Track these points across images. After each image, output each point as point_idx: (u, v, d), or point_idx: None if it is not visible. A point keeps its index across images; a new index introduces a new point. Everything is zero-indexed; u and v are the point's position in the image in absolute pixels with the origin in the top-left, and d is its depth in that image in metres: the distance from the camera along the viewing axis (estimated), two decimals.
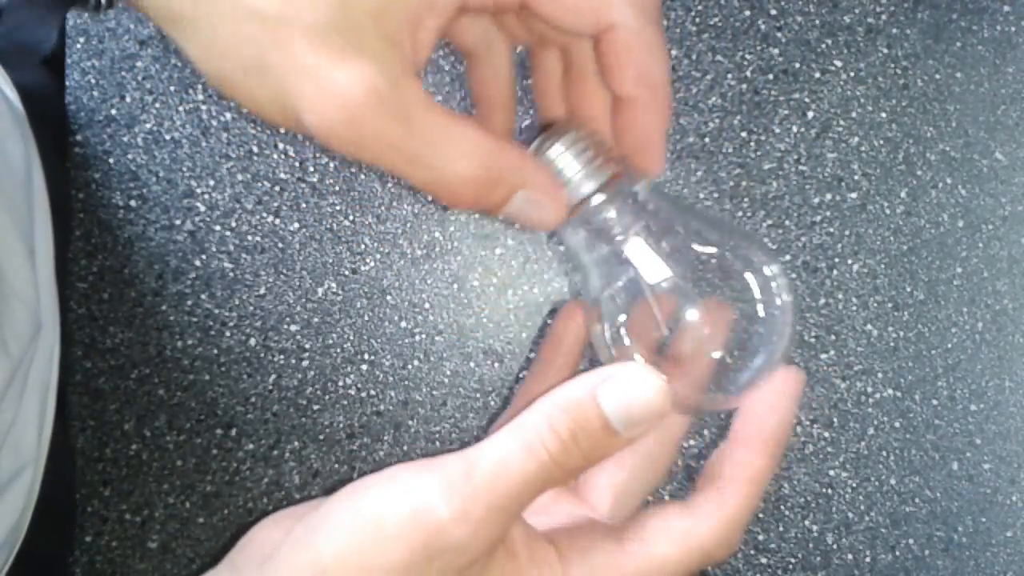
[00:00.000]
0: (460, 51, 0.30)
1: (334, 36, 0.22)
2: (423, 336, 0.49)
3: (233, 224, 0.49)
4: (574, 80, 0.29)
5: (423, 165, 0.23)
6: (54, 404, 0.44)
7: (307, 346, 0.48)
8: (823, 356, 0.50)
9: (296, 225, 0.49)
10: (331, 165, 0.49)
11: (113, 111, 0.49)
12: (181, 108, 0.49)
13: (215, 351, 0.48)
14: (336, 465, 0.48)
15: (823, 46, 0.52)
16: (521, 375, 0.49)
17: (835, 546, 0.50)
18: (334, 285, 0.49)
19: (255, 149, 0.49)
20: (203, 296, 0.48)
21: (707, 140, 0.51)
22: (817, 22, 0.52)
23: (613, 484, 0.28)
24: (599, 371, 0.23)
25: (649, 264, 0.26)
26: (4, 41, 0.28)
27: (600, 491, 0.28)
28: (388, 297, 0.49)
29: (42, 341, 0.43)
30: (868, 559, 0.50)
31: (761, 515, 0.49)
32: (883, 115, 0.52)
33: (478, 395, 0.49)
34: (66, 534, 0.47)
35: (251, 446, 0.48)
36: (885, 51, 0.52)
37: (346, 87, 0.21)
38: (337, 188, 0.49)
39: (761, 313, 0.27)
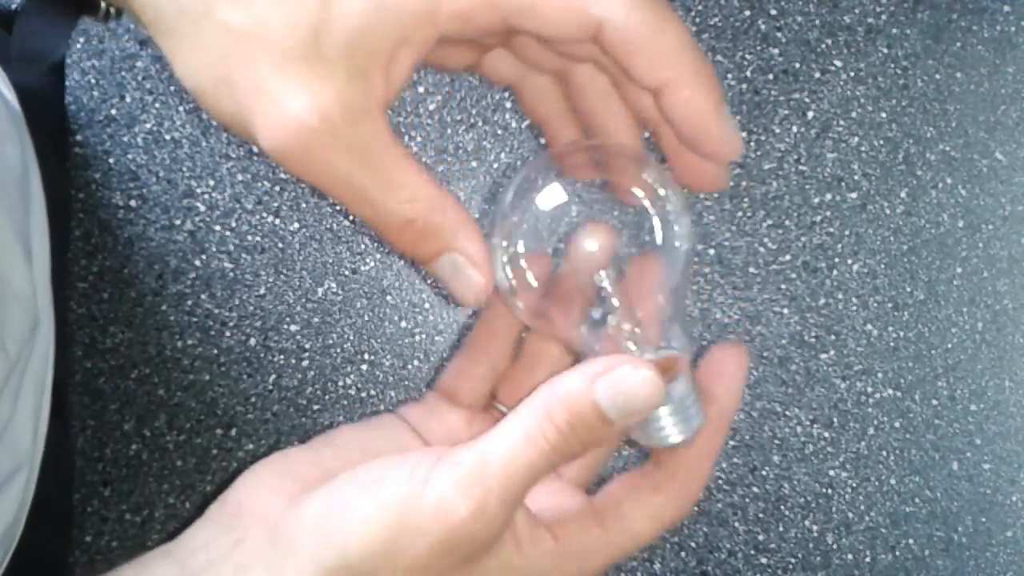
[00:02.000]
0: (504, 86, 0.30)
1: (301, 62, 0.22)
2: (423, 336, 0.49)
3: (233, 224, 0.49)
4: (582, 105, 0.28)
5: (367, 201, 0.23)
6: (49, 404, 0.44)
7: (307, 346, 0.48)
8: (823, 356, 0.50)
9: (296, 225, 0.49)
10: None
11: (113, 111, 0.49)
12: (181, 108, 0.49)
13: (215, 351, 0.48)
14: None
15: (823, 46, 0.52)
16: None
17: (835, 546, 0.50)
18: (334, 285, 0.49)
19: (255, 149, 0.49)
20: (203, 296, 0.48)
21: None
22: (817, 22, 0.52)
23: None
24: (593, 363, 0.24)
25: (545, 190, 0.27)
26: (17, 48, 0.28)
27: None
28: (388, 297, 0.49)
29: (38, 341, 0.43)
30: (868, 559, 0.50)
31: (761, 515, 0.49)
32: (883, 115, 0.52)
33: None
34: (64, 534, 0.47)
35: (251, 446, 0.48)
36: (885, 51, 0.52)
37: (300, 114, 0.22)
38: None
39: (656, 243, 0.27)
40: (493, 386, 0.31)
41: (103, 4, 0.26)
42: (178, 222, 0.49)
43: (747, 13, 0.52)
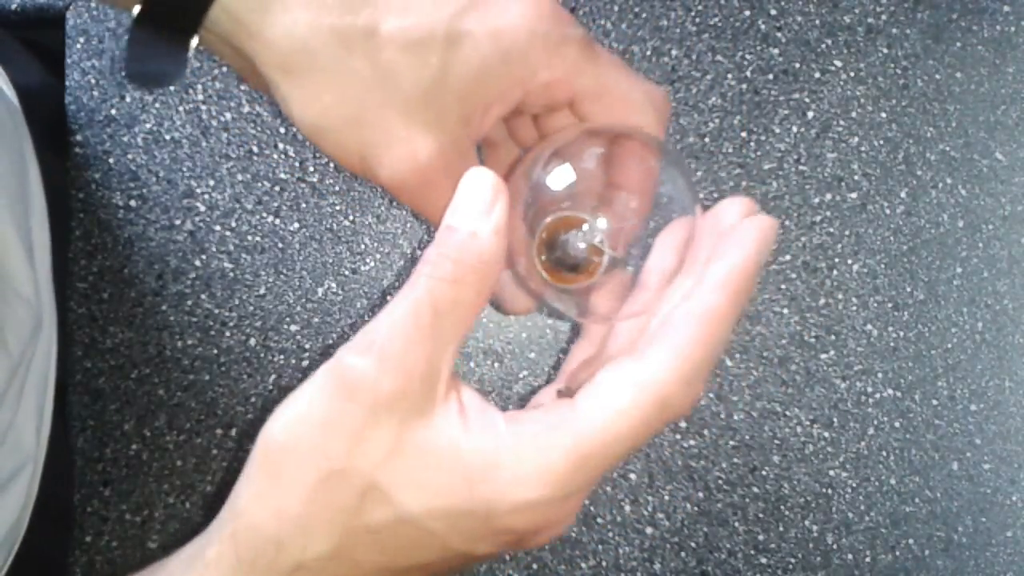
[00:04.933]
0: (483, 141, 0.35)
1: (423, 108, 0.26)
2: None
3: (233, 224, 0.49)
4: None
5: None
6: (52, 402, 0.44)
7: (307, 346, 0.48)
8: (823, 356, 0.50)
9: (296, 225, 0.49)
10: (331, 165, 0.49)
11: (113, 111, 0.49)
12: (181, 108, 0.49)
13: (215, 351, 0.48)
14: None
15: (823, 46, 0.52)
16: (521, 375, 0.49)
17: (835, 546, 0.50)
18: (334, 285, 0.49)
19: (255, 149, 0.49)
20: (203, 296, 0.48)
21: (707, 140, 0.51)
22: (817, 22, 0.52)
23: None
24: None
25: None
26: (134, 71, 0.29)
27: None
28: (388, 297, 0.49)
29: (41, 340, 0.43)
30: (868, 559, 0.50)
31: (761, 515, 0.49)
32: (883, 115, 0.52)
33: None
34: (65, 534, 0.47)
35: (251, 446, 0.48)
36: (885, 51, 0.52)
37: (424, 154, 0.26)
38: (337, 188, 0.49)
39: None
40: None
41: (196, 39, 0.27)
42: (178, 222, 0.49)
43: (747, 13, 0.52)
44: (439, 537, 0.23)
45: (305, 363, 0.48)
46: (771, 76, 0.51)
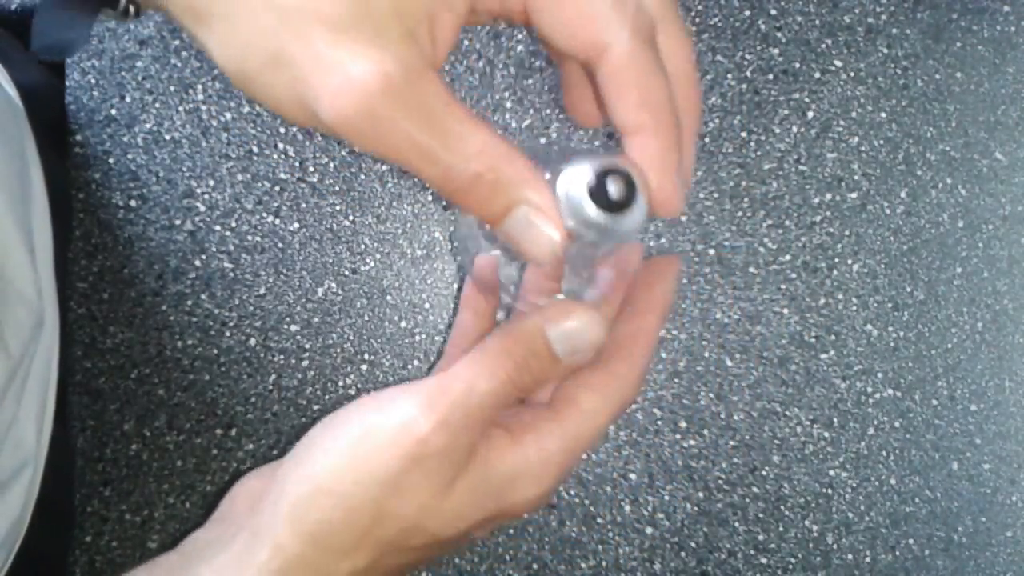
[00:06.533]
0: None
1: (352, 30, 0.22)
2: (423, 336, 0.49)
3: (233, 224, 0.49)
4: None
5: (433, 160, 0.23)
6: (54, 402, 0.44)
7: (307, 346, 0.48)
8: (823, 356, 0.50)
9: (296, 225, 0.49)
10: (331, 165, 0.49)
11: (113, 111, 0.49)
12: (181, 108, 0.49)
13: (215, 351, 0.48)
14: None
15: (823, 46, 0.52)
16: None
17: (835, 546, 0.50)
18: (334, 285, 0.49)
19: (255, 149, 0.49)
20: (203, 296, 0.48)
21: (707, 140, 0.51)
22: (817, 22, 0.52)
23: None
24: (548, 308, 0.28)
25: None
26: (38, 42, 0.28)
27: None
28: (388, 297, 0.49)
29: (42, 340, 0.43)
30: (868, 559, 0.50)
31: (761, 515, 0.49)
32: (883, 115, 0.52)
33: None
34: (66, 534, 0.47)
35: (251, 446, 0.48)
36: (885, 51, 0.52)
37: (363, 79, 0.22)
38: (337, 188, 0.49)
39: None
40: None
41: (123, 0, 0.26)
42: (178, 222, 0.49)
43: (747, 13, 0.52)
44: (465, 539, 0.29)
45: (305, 363, 0.48)
46: (771, 76, 0.51)
